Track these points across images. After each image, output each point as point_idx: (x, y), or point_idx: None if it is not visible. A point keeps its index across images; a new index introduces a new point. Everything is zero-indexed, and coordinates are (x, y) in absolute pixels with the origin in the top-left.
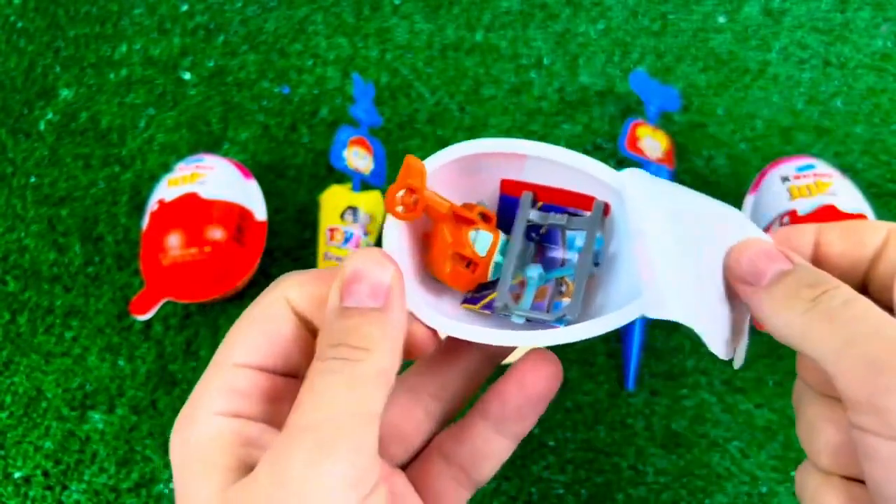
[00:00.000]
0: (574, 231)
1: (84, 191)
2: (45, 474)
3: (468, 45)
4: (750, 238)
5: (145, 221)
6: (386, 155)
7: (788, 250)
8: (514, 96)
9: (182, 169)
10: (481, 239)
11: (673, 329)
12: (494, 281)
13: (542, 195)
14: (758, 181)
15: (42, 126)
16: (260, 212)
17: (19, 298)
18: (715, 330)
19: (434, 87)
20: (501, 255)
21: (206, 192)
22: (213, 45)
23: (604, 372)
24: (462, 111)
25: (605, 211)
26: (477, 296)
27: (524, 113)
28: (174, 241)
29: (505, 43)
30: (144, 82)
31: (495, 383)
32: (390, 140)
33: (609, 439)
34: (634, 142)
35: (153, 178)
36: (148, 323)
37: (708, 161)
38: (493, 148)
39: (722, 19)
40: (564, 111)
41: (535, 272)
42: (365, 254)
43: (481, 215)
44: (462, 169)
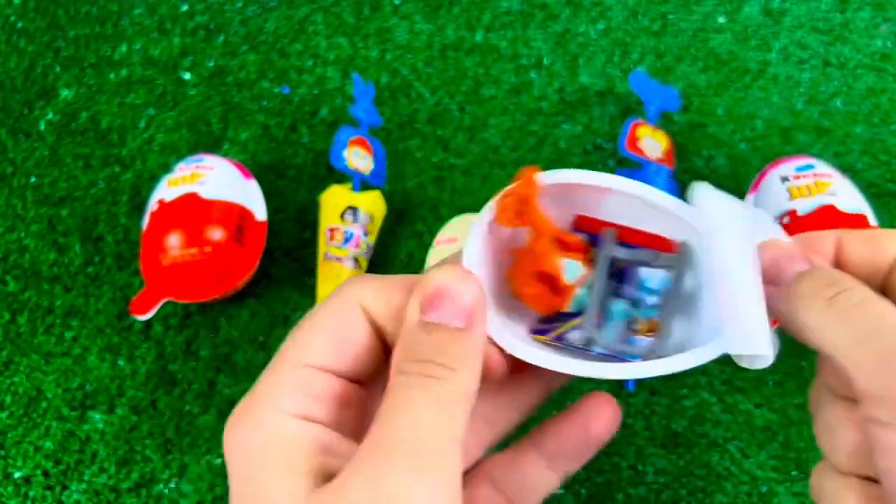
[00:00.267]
0: (650, 270)
1: (84, 191)
2: (46, 474)
3: (468, 45)
4: (773, 239)
5: (145, 221)
6: (386, 155)
7: (809, 252)
8: (514, 96)
9: (182, 169)
10: (571, 268)
11: None
12: (563, 314)
13: (621, 233)
14: (757, 181)
15: (42, 126)
16: (260, 212)
17: (19, 298)
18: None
19: (434, 87)
20: (586, 290)
21: (206, 193)
22: (213, 46)
23: None
24: (462, 111)
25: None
26: (547, 327)
27: (524, 113)
28: (174, 241)
29: (505, 43)
30: (144, 82)
31: (554, 419)
32: (390, 140)
33: (609, 439)
34: (634, 142)
35: (153, 179)
36: (148, 323)
37: (708, 161)
38: (597, 181)
39: (722, 19)
40: (564, 111)
41: (621, 307)
42: (449, 269)
43: (583, 249)
44: (552, 196)
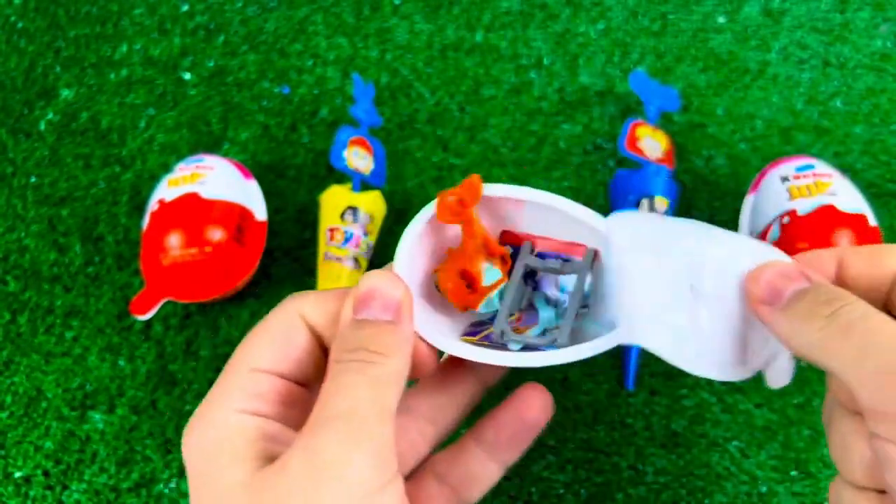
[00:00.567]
0: (568, 277)
1: (84, 191)
2: (46, 474)
3: (468, 45)
4: (768, 261)
5: (145, 221)
6: (386, 155)
7: (807, 269)
8: (514, 96)
9: (182, 169)
10: (490, 273)
11: None
12: (489, 320)
13: (538, 244)
14: (757, 181)
15: (42, 126)
16: (260, 212)
17: (20, 298)
18: (703, 354)
19: (434, 87)
20: (498, 298)
21: (206, 192)
22: (214, 46)
23: (603, 372)
24: (462, 111)
25: (594, 256)
26: (475, 330)
27: (524, 113)
28: (174, 241)
29: (505, 43)
30: (145, 82)
31: (491, 412)
32: (390, 140)
33: (609, 439)
34: (634, 142)
35: (153, 179)
36: (148, 323)
37: (707, 161)
38: (524, 195)
39: (722, 19)
40: (564, 111)
41: (550, 314)
42: (378, 273)
43: (502, 257)
44: (487, 208)
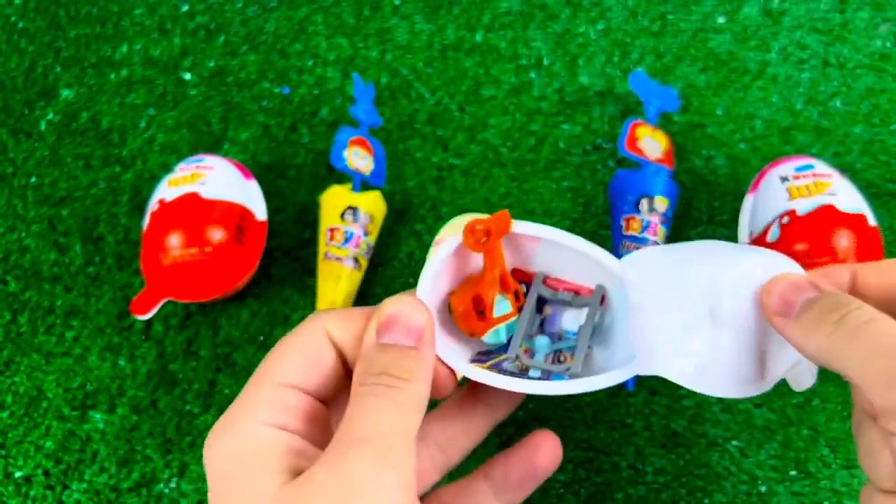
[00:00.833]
0: (571, 313)
1: (85, 191)
2: (46, 474)
3: (468, 45)
4: (780, 274)
5: (146, 221)
6: (386, 155)
7: (817, 279)
8: (513, 96)
9: (182, 169)
10: (502, 305)
11: None
12: (495, 349)
13: (548, 280)
14: (757, 181)
15: (43, 126)
16: (260, 212)
17: (20, 298)
18: (725, 376)
19: (434, 87)
20: (506, 331)
21: (206, 192)
22: (214, 46)
23: None
24: (462, 111)
25: (602, 296)
26: (482, 358)
27: (524, 113)
28: (175, 241)
29: (505, 43)
30: (145, 82)
31: (503, 453)
32: (390, 140)
33: (608, 439)
34: (634, 142)
35: (154, 179)
36: (148, 323)
37: (707, 161)
38: (551, 235)
39: (721, 20)
40: (564, 111)
41: (544, 341)
42: (401, 298)
43: (516, 293)
44: (507, 243)
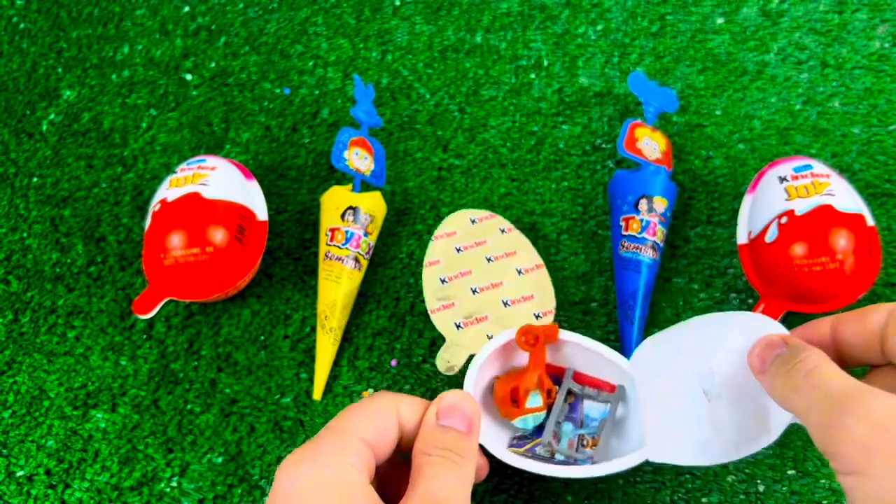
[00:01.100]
0: (594, 403)
1: (86, 191)
2: (48, 473)
3: (468, 46)
4: (762, 336)
5: (148, 221)
6: (386, 155)
7: (788, 336)
8: (513, 97)
9: (184, 170)
10: (534, 399)
11: None
12: (528, 434)
13: (577, 376)
14: (756, 181)
15: (45, 127)
16: (261, 212)
17: (22, 298)
18: (731, 445)
19: (434, 88)
20: (533, 420)
21: (207, 193)
22: (215, 47)
23: None
24: (462, 112)
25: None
26: (520, 443)
27: (524, 114)
28: (176, 240)
29: (504, 44)
30: (146, 83)
31: None
32: (391, 141)
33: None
34: (633, 142)
35: (155, 179)
36: (150, 322)
37: (706, 161)
38: (587, 344)
39: (720, 20)
40: (563, 112)
41: (569, 427)
42: (458, 392)
43: (549, 391)
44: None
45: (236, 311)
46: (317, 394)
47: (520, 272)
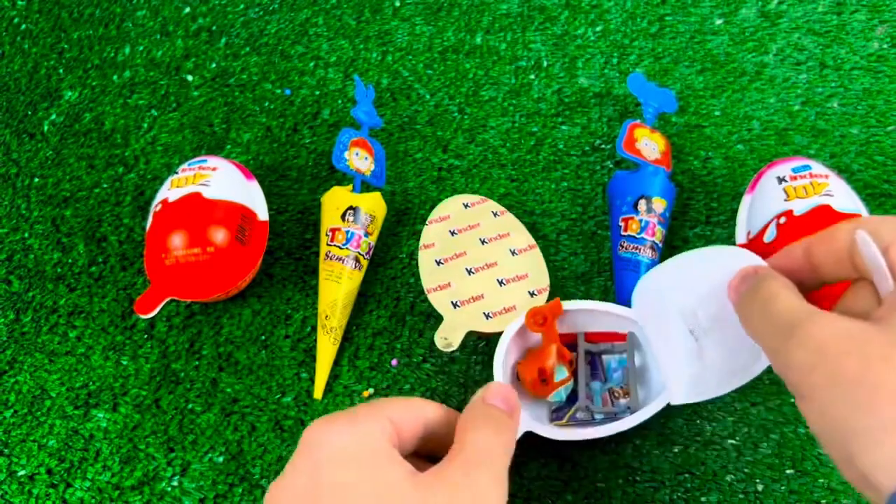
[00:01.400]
0: (611, 356)
1: (88, 191)
2: (49, 472)
3: (468, 47)
4: (738, 270)
5: (149, 222)
6: (386, 156)
7: (762, 266)
8: (513, 98)
9: (185, 170)
10: (559, 372)
11: None
12: (563, 405)
13: (587, 336)
14: (754, 182)
15: (46, 127)
16: (262, 212)
17: (23, 298)
18: (724, 377)
19: (434, 88)
20: (564, 392)
21: (208, 193)
22: (216, 48)
23: None
24: (462, 113)
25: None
26: (559, 415)
27: (523, 114)
28: (177, 240)
29: (504, 45)
30: (148, 84)
31: None
32: (391, 141)
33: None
34: (632, 143)
35: (156, 179)
36: (151, 322)
37: (705, 162)
38: (591, 307)
39: (719, 21)
40: (563, 113)
41: (597, 385)
42: (502, 384)
43: (570, 362)
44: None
45: (237, 311)
46: (317, 393)
47: (513, 252)
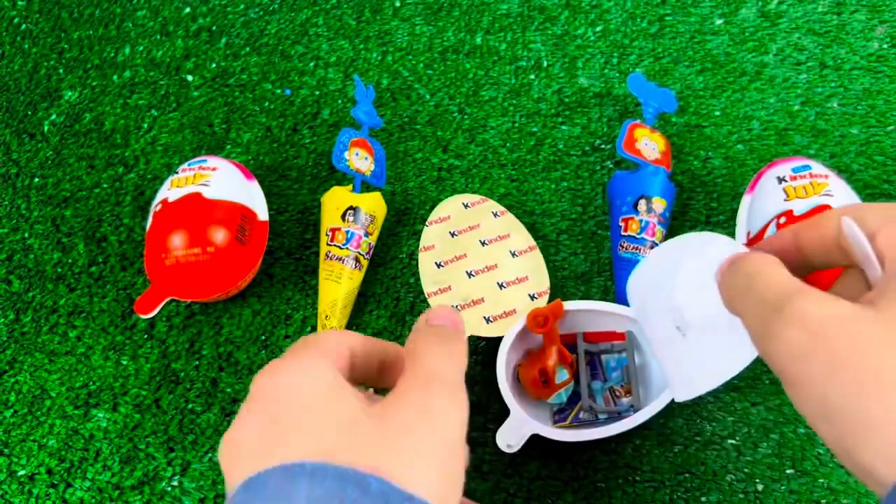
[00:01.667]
0: (611, 355)
1: (88, 191)
2: (49, 472)
3: (468, 47)
4: (727, 258)
5: (149, 222)
6: (386, 156)
7: (744, 250)
8: (513, 98)
9: (185, 170)
10: (561, 373)
11: None
12: (565, 405)
13: (587, 336)
14: (754, 182)
15: (46, 127)
16: (262, 212)
17: (24, 298)
18: (721, 367)
19: (434, 88)
20: (565, 393)
21: (209, 193)
22: (216, 48)
23: None
24: (462, 113)
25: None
26: (562, 417)
27: (523, 115)
28: (177, 240)
29: (504, 45)
30: (148, 84)
31: None
32: (391, 141)
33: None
34: (632, 143)
35: (156, 179)
36: (151, 322)
37: (705, 162)
38: (591, 307)
39: (719, 22)
40: (563, 113)
41: (598, 385)
42: (444, 305)
43: (571, 364)
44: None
45: (237, 311)
46: None
47: (514, 254)
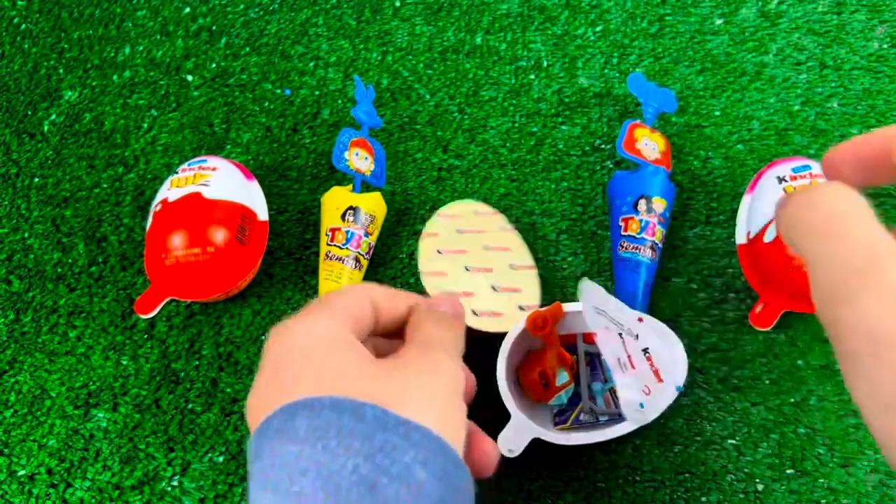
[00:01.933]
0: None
1: (88, 191)
2: (49, 472)
3: (468, 47)
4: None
5: (149, 222)
6: (386, 156)
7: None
8: (513, 98)
9: (185, 170)
10: (561, 376)
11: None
12: (565, 407)
13: (586, 337)
14: (754, 182)
15: (46, 127)
16: (262, 212)
17: (24, 298)
18: (654, 404)
19: (434, 88)
20: (565, 395)
21: (209, 193)
22: (216, 48)
23: None
24: (462, 113)
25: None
26: (562, 419)
27: (523, 115)
28: (177, 240)
29: (504, 45)
30: (148, 84)
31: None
32: (391, 141)
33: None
34: (632, 143)
35: (156, 179)
36: (151, 322)
37: (705, 162)
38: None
39: (719, 22)
40: (563, 113)
41: (598, 386)
42: (444, 292)
43: (571, 365)
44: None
45: (237, 311)
46: None
47: (512, 267)
